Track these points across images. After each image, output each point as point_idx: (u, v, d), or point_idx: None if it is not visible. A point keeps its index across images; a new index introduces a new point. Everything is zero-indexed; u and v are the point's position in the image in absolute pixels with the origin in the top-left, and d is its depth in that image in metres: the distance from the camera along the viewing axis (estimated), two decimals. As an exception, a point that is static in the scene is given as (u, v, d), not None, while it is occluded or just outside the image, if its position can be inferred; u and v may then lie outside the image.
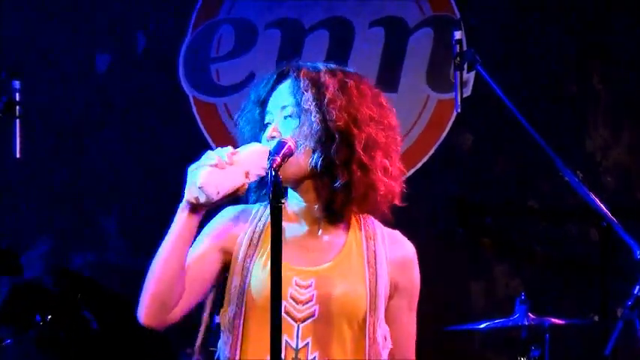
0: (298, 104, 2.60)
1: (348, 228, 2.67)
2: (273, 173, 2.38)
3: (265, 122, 2.66)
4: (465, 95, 4.49)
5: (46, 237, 5.36)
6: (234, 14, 5.37)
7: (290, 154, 2.50)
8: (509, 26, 5.13)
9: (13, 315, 3.79)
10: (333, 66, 2.67)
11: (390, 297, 2.65)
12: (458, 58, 4.44)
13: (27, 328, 3.62)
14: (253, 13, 5.35)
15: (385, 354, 2.62)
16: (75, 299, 3.68)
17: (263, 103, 2.68)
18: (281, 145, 2.50)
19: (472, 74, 4.76)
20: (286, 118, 2.62)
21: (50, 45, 5.40)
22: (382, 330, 2.62)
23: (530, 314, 4.25)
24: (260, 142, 2.62)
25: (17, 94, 4.36)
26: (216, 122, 5.31)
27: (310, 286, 2.59)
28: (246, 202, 2.71)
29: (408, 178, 2.81)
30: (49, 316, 3.53)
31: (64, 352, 3.87)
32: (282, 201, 2.37)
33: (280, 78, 2.66)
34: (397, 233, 2.72)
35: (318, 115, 2.58)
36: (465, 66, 4.44)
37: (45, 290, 3.85)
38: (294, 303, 2.58)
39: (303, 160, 2.58)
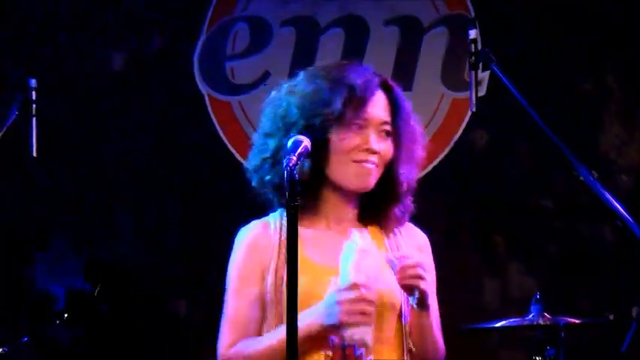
0: (396, 128, 2.78)
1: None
2: (289, 171, 2.40)
3: (360, 126, 2.73)
4: (479, 94, 4.49)
5: (63, 235, 5.38)
6: (249, 12, 5.37)
7: (306, 153, 2.51)
8: (523, 25, 5.13)
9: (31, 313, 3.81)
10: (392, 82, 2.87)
11: None
12: (473, 57, 4.44)
13: (45, 326, 3.63)
14: (268, 10, 5.35)
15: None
16: (93, 295, 3.69)
17: (358, 108, 2.74)
18: (297, 144, 2.51)
19: (487, 73, 4.74)
20: (381, 133, 2.75)
21: (66, 43, 5.41)
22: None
23: (545, 313, 4.24)
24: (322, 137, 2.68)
25: (33, 93, 4.38)
26: (231, 121, 5.32)
27: None
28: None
29: (422, 177, 2.85)
30: (66, 314, 3.54)
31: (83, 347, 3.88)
32: (298, 200, 2.39)
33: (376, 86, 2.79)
34: (409, 224, 2.86)
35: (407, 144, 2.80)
36: (480, 65, 4.44)
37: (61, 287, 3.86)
38: None
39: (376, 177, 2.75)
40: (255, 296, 2.72)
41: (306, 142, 2.53)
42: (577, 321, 4.32)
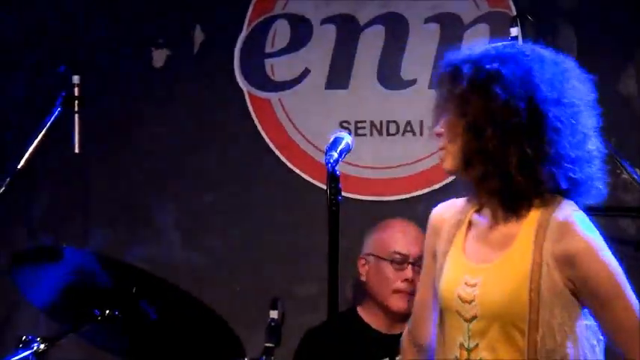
0: None
1: (526, 216, 2.63)
2: (331, 168, 2.37)
3: None
4: (521, 91, 4.47)
5: (103, 231, 5.40)
6: (290, 9, 5.37)
7: (347, 150, 2.48)
8: (565, 22, 5.09)
9: (69, 311, 3.81)
10: None
11: (579, 293, 2.58)
12: (514, 54, 4.42)
13: (83, 323, 3.63)
14: (308, 8, 5.35)
15: (573, 350, 2.55)
16: (130, 292, 3.69)
17: None
18: (338, 140, 2.48)
19: (528, 70, 4.73)
20: None
21: (108, 40, 5.43)
22: (555, 327, 2.52)
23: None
24: None
25: (76, 89, 4.42)
26: (271, 117, 5.32)
27: (476, 285, 2.55)
28: None
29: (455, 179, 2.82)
30: (107, 310, 3.54)
31: (123, 344, 3.89)
32: (340, 197, 2.35)
33: None
34: (569, 224, 2.65)
35: None
36: (522, 62, 4.41)
37: (99, 284, 3.87)
38: (461, 302, 2.56)
39: None
40: (431, 281, 2.66)
41: (347, 138, 2.50)
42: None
